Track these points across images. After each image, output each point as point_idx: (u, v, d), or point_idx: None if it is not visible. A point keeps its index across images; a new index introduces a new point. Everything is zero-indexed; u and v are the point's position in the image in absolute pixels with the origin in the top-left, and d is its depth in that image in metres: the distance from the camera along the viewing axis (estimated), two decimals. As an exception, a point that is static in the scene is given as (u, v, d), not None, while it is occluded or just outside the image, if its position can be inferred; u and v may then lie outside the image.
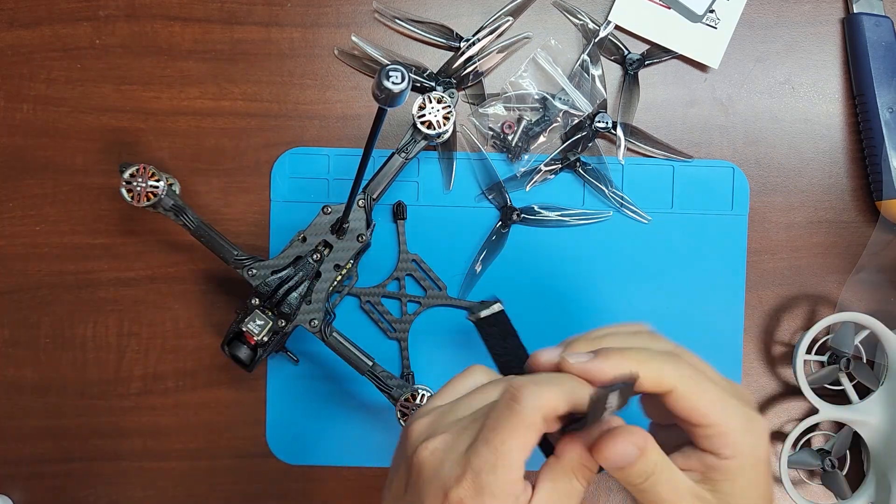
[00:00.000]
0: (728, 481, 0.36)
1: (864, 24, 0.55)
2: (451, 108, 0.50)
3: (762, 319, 0.57)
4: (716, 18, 0.55)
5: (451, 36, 0.55)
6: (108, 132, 0.55)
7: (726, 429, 0.36)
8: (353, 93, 0.56)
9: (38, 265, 0.56)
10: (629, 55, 0.55)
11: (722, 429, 0.36)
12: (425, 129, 0.50)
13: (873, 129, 0.55)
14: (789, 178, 0.57)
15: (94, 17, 0.55)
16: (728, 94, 0.57)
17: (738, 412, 0.36)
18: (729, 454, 0.36)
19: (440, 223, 0.56)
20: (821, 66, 0.57)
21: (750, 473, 0.36)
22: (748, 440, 0.36)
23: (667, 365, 0.36)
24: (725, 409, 0.36)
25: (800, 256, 0.57)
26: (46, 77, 0.55)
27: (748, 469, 0.36)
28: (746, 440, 0.36)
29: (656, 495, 0.36)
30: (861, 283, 0.57)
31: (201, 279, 0.56)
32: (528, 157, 0.56)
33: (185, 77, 0.55)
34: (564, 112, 0.55)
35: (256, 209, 0.56)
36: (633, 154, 0.56)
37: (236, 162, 0.56)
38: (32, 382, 0.56)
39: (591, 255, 0.56)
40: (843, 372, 0.54)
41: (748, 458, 0.36)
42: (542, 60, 0.56)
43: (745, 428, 0.36)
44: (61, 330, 0.56)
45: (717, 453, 0.36)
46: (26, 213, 0.56)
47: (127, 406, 0.57)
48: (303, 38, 0.56)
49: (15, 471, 0.57)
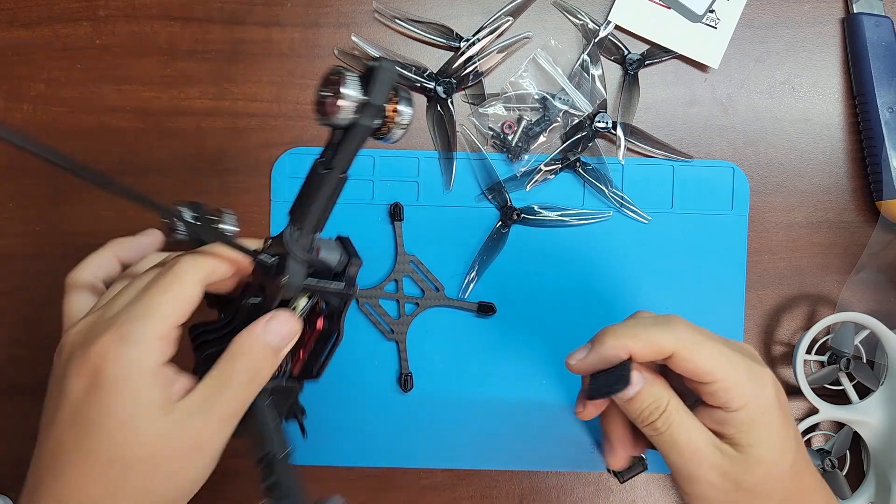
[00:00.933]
0: (743, 433, 0.37)
1: (865, 24, 0.55)
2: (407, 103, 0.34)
3: (762, 319, 0.57)
4: (716, 18, 0.55)
5: (451, 36, 0.55)
6: (108, 132, 0.55)
7: (729, 382, 0.37)
8: (353, 93, 0.56)
9: (38, 265, 0.56)
10: (629, 55, 0.55)
11: (725, 383, 0.37)
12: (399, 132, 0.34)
13: (873, 129, 0.55)
14: (789, 178, 0.57)
15: (94, 17, 0.55)
16: (728, 94, 0.57)
17: (739, 365, 0.37)
18: (736, 406, 0.37)
19: (440, 223, 0.56)
20: (821, 66, 0.57)
21: (762, 421, 0.37)
22: (752, 389, 0.37)
23: (661, 331, 0.37)
24: (726, 363, 0.37)
25: (800, 256, 0.57)
26: (46, 77, 0.55)
27: (759, 418, 0.37)
28: (751, 390, 0.37)
29: (675, 442, 0.38)
30: (861, 283, 0.56)
31: (201, 279, 0.56)
32: (528, 157, 0.56)
33: (185, 77, 0.55)
34: (564, 112, 0.55)
35: (256, 209, 0.56)
36: (633, 154, 0.56)
37: (236, 162, 0.56)
38: (33, 382, 0.56)
39: (591, 255, 0.56)
40: (843, 372, 0.54)
41: (756, 407, 0.37)
42: (542, 60, 0.56)
43: (748, 378, 0.37)
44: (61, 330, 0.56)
45: (726, 407, 0.37)
46: (26, 213, 0.56)
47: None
48: (303, 39, 0.56)
49: (15, 471, 0.57)
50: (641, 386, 0.38)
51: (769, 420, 0.37)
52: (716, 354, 0.37)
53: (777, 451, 0.37)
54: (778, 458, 0.37)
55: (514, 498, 0.57)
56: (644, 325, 0.38)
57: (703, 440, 0.38)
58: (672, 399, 0.38)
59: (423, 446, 0.56)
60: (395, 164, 0.56)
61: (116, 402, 0.32)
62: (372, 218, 0.56)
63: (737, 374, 0.37)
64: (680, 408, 0.38)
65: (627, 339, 0.37)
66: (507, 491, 0.57)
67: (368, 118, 0.32)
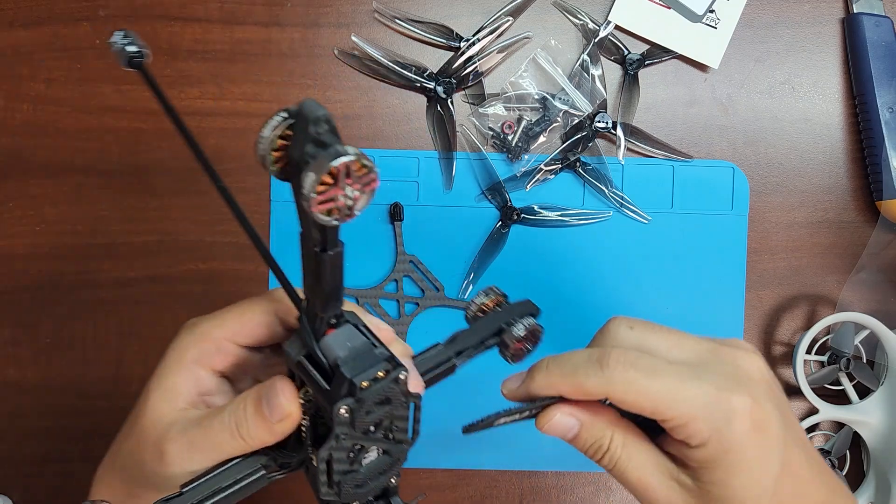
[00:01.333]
0: (706, 470, 0.33)
1: (865, 24, 0.55)
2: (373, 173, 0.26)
3: (762, 319, 0.57)
4: (716, 18, 0.55)
5: (451, 36, 0.55)
6: (108, 132, 0.55)
7: (683, 419, 0.32)
8: (354, 93, 0.56)
9: (38, 265, 0.56)
10: (629, 55, 0.55)
11: (678, 420, 0.32)
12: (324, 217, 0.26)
13: (873, 129, 0.55)
14: (789, 178, 0.57)
15: (94, 17, 0.55)
16: (728, 94, 0.57)
17: (696, 398, 0.32)
18: (696, 443, 0.33)
19: (440, 223, 0.56)
20: (821, 66, 0.57)
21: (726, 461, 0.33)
22: (713, 425, 0.32)
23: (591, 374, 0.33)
24: (678, 398, 0.32)
25: (800, 256, 0.57)
26: (46, 77, 0.55)
27: (722, 457, 0.33)
28: (711, 426, 0.32)
29: (625, 480, 0.35)
30: (861, 283, 0.56)
31: (201, 279, 0.56)
32: (527, 157, 0.56)
33: (185, 77, 0.55)
34: (564, 112, 0.55)
35: (256, 209, 0.56)
36: (633, 154, 0.56)
37: (237, 162, 0.56)
38: (32, 382, 0.56)
39: (591, 255, 0.56)
40: (843, 372, 0.54)
41: (718, 445, 0.32)
42: (542, 60, 0.56)
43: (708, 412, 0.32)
44: (61, 330, 0.56)
45: (686, 442, 0.33)
46: (26, 213, 0.56)
47: (127, 406, 0.56)
48: (303, 38, 0.56)
49: (15, 471, 0.57)
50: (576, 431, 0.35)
51: (735, 459, 0.33)
52: (663, 391, 0.32)
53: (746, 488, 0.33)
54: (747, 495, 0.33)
55: (514, 498, 0.57)
56: (574, 365, 0.34)
57: (657, 476, 0.34)
58: (615, 435, 0.35)
59: (423, 446, 0.56)
60: (395, 164, 0.56)
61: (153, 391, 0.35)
62: (372, 218, 0.56)
63: (692, 410, 0.32)
64: (627, 443, 0.35)
65: (556, 380, 0.34)
66: (507, 491, 0.57)
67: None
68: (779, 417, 0.33)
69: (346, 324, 0.31)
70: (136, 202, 0.56)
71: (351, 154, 0.24)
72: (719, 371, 0.34)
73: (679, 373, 0.33)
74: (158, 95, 0.26)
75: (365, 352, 0.31)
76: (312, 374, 0.31)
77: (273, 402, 0.32)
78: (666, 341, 0.35)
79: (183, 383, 0.35)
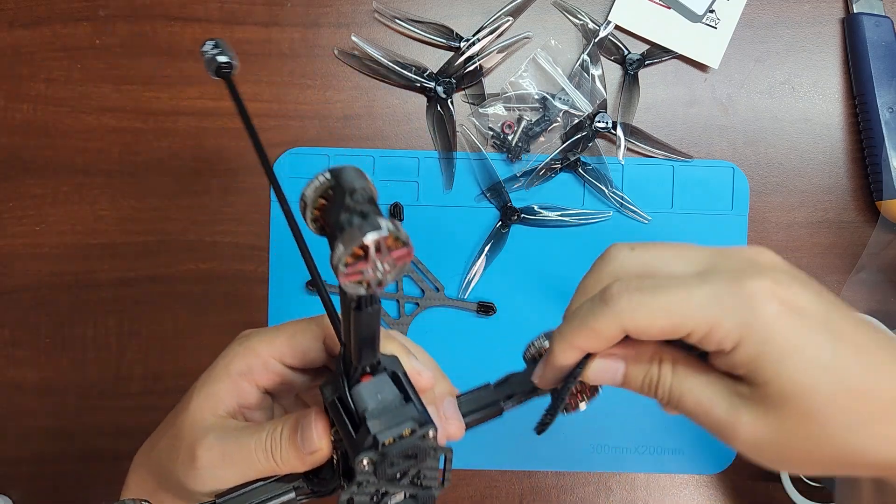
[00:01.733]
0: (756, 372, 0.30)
1: (865, 24, 0.55)
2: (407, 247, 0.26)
3: (762, 319, 0.57)
4: (716, 18, 0.55)
5: (451, 36, 0.55)
6: (108, 132, 0.55)
7: (705, 325, 0.30)
8: (353, 93, 0.56)
9: (38, 265, 0.56)
10: (629, 55, 0.55)
11: (701, 329, 0.30)
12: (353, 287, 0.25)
13: (873, 129, 0.55)
14: (789, 178, 0.57)
15: (94, 17, 0.55)
16: (728, 94, 0.57)
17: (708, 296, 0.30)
18: (730, 346, 0.30)
19: (440, 223, 0.56)
20: (821, 66, 0.57)
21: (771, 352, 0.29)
22: (738, 319, 0.29)
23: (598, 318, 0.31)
24: (691, 305, 0.30)
25: (800, 256, 0.57)
26: (46, 77, 0.55)
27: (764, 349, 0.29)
28: (735, 320, 0.29)
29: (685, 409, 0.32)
30: (861, 283, 0.56)
31: (201, 279, 0.56)
32: (528, 157, 0.56)
33: (184, 77, 0.55)
34: (564, 112, 0.55)
35: (256, 209, 0.56)
36: (633, 154, 0.56)
37: (236, 162, 0.56)
38: (32, 382, 0.56)
39: (592, 255, 0.56)
40: (844, 372, 0.54)
41: (753, 337, 0.29)
42: (542, 60, 0.56)
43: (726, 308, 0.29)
44: (61, 330, 0.56)
45: (723, 351, 0.30)
46: (26, 213, 0.56)
47: (127, 406, 0.57)
48: (303, 39, 0.56)
49: (15, 471, 0.57)
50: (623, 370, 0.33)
51: (778, 347, 0.29)
52: (674, 304, 0.30)
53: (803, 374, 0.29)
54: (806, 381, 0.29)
55: (513, 498, 0.57)
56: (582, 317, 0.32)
57: (715, 397, 0.31)
58: (663, 365, 0.32)
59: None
60: (395, 164, 0.56)
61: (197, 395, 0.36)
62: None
63: (709, 312, 0.29)
64: (677, 370, 0.32)
65: (572, 340, 0.32)
66: (507, 491, 0.57)
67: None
68: (812, 294, 0.30)
69: (383, 372, 0.31)
70: (136, 202, 0.56)
71: (384, 229, 0.24)
72: (728, 267, 0.31)
73: (686, 282, 0.30)
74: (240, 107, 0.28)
75: (395, 407, 0.30)
76: (342, 418, 0.31)
77: (306, 434, 0.32)
78: (669, 256, 0.33)
79: (226, 392, 0.35)
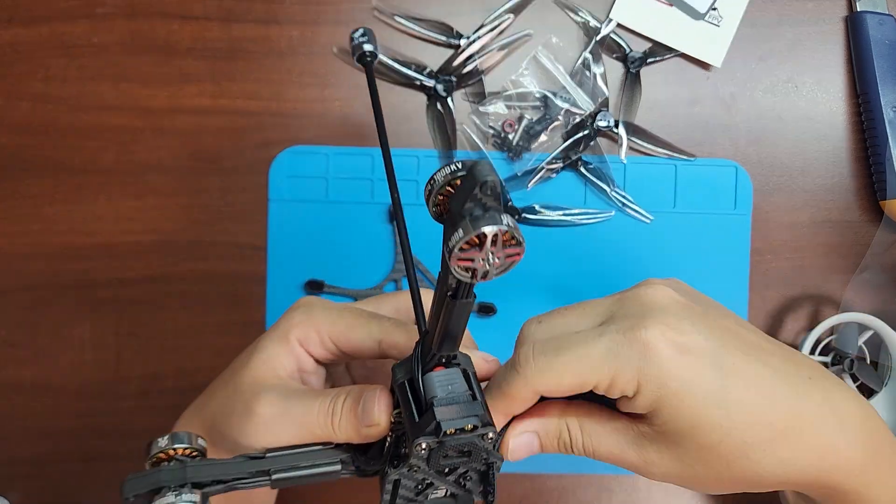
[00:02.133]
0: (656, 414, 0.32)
1: (868, 22, 0.55)
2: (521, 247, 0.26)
3: (765, 320, 0.57)
4: (718, 16, 0.55)
5: (451, 33, 0.55)
6: (106, 130, 0.55)
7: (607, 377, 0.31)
8: (352, 91, 0.55)
9: (38, 265, 0.56)
10: (631, 53, 0.55)
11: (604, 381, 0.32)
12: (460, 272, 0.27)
13: (877, 127, 0.54)
14: (792, 177, 0.57)
15: (93, 15, 0.55)
16: (731, 92, 0.56)
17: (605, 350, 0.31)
18: (632, 393, 0.32)
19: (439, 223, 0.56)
20: (824, 64, 0.57)
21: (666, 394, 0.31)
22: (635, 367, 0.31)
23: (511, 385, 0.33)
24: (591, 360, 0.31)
25: (803, 256, 0.57)
26: (45, 75, 0.55)
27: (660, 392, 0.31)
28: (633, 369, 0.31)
29: (600, 456, 0.35)
30: (865, 284, 0.56)
31: (200, 279, 0.56)
32: (529, 156, 0.55)
33: (183, 75, 0.55)
34: (566, 110, 0.55)
35: (255, 208, 0.55)
36: (635, 153, 0.56)
37: (235, 160, 0.55)
38: (32, 382, 0.56)
39: (593, 254, 0.56)
40: (847, 373, 0.54)
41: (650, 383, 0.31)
42: (543, 58, 0.55)
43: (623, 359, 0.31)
44: (61, 330, 0.56)
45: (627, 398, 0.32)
46: (24, 212, 0.56)
47: (126, 406, 0.56)
48: (301, 36, 0.55)
49: (14, 471, 0.57)
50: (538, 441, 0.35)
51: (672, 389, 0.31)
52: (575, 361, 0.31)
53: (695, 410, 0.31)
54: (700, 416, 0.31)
55: (514, 499, 0.56)
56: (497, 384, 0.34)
57: (623, 442, 0.34)
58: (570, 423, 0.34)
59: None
60: (394, 163, 0.55)
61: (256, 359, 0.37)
62: (371, 218, 0.55)
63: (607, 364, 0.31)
64: (584, 424, 0.34)
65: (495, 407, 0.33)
66: (508, 492, 0.56)
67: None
68: (701, 331, 0.32)
69: (456, 367, 0.32)
70: (135, 201, 0.55)
71: (504, 225, 0.25)
72: (624, 315, 0.33)
73: (585, 338, 0.32)
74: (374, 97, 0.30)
75: (463, 402, 0.31)
76: (409, 400, 0.32)
77: (368, 407, 0.34)
78: (573, 316, 0.35)
79: (285, 355, 0.37)
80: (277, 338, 0.37)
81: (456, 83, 0.54)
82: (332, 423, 0.34)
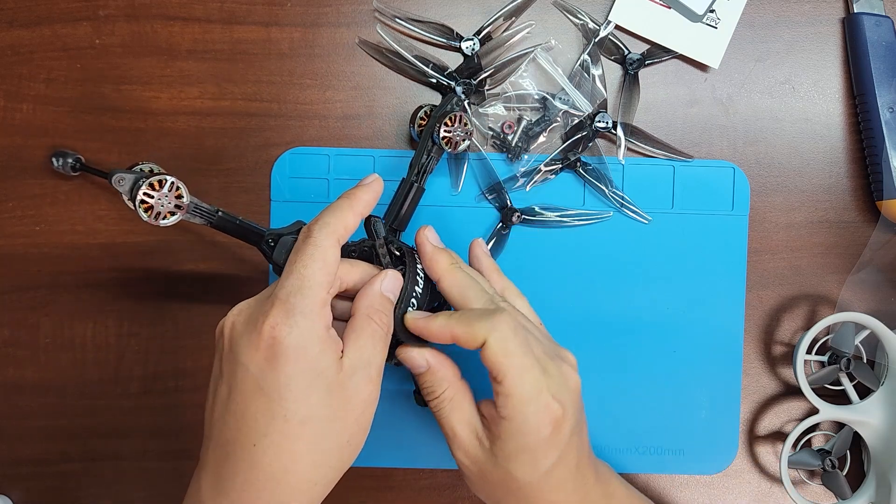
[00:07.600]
0: (502, 441, 0.40)
1: (865, 23, 0.55)
2: (470, 125, 0.52)
3: (762, 319, 0.57)
4: (716, 18, 0.55)
5: (452, 35, 0.55)
6: (107, 132, 0.55)
7: (512, 392, 0.39)
8: (354, 92, 0.56)
9: (38, 265, 0.56)
10: (629, 55, 0.55)
11: (508, 391, 0.39)
12: (446, 147, 0.50)
13: (874, 128, 0.55)
14: (790, 177, 0.57)
15: (94, 16, 0.55)
16: (728, 93, 0.57)
17: (533, 381, 0.39)
18: (505, 414, 0.39)
19: (440, 223, 0.56)
20: (821, 65, 0.57)
21: (520, 441, 0.39)
22: (527, 411, 0.39)
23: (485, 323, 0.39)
24: (523, 373, 0.39)
25: (800, 256, 0.57)
26: (46, 77, 0.55)
27: (517, 437, 0.39)
28: (526, 411, 0.39)
29: (445, 420, 0.42)
30: (861, 283, 0.56)
31: (201, 279, 0.56)
32: (528, 157, 0.56)
33: (184, 77, 0.55)
34: (564, 112, 0.55)
35: (256, 209, 0.56)
36: (633, 154, 0.56)
37: (236, 162, 0.56)
38: (32, 382, 0.56)
39: (592, 255, 0.56)
40: (844, 372, 0.54)
41: (520, 426, 0.39)
42: (542, 60, 0.55)
43: (531, 399, 0.39)
44: (61, 330, 0.56)
45: (499, 409, 0.39)
46: (26, 213, 0.56)
47: (127, 406, 0.57)
48: (303, 38, 0.56)
49: (14, 471, 0.57)
50: (425, 369, 0.42)
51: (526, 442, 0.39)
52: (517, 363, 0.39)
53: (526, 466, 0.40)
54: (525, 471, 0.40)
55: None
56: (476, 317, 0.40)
57: (467, 431, 0.41)
58: (448, 390, 0.41)
59: (423, 446, 0.56)
60: (394, 163, 0.56)
61: (298, 368, 0.36)
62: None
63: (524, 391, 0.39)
64: (455, 398, 0.41)
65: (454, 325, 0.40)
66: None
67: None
68: (573, 427, 0.41)
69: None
70: (136, 202, 0.55)
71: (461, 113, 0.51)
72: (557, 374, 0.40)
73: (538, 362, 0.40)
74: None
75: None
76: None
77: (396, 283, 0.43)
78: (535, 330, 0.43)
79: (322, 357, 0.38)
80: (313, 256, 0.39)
81: (474, 88, 0.55)
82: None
